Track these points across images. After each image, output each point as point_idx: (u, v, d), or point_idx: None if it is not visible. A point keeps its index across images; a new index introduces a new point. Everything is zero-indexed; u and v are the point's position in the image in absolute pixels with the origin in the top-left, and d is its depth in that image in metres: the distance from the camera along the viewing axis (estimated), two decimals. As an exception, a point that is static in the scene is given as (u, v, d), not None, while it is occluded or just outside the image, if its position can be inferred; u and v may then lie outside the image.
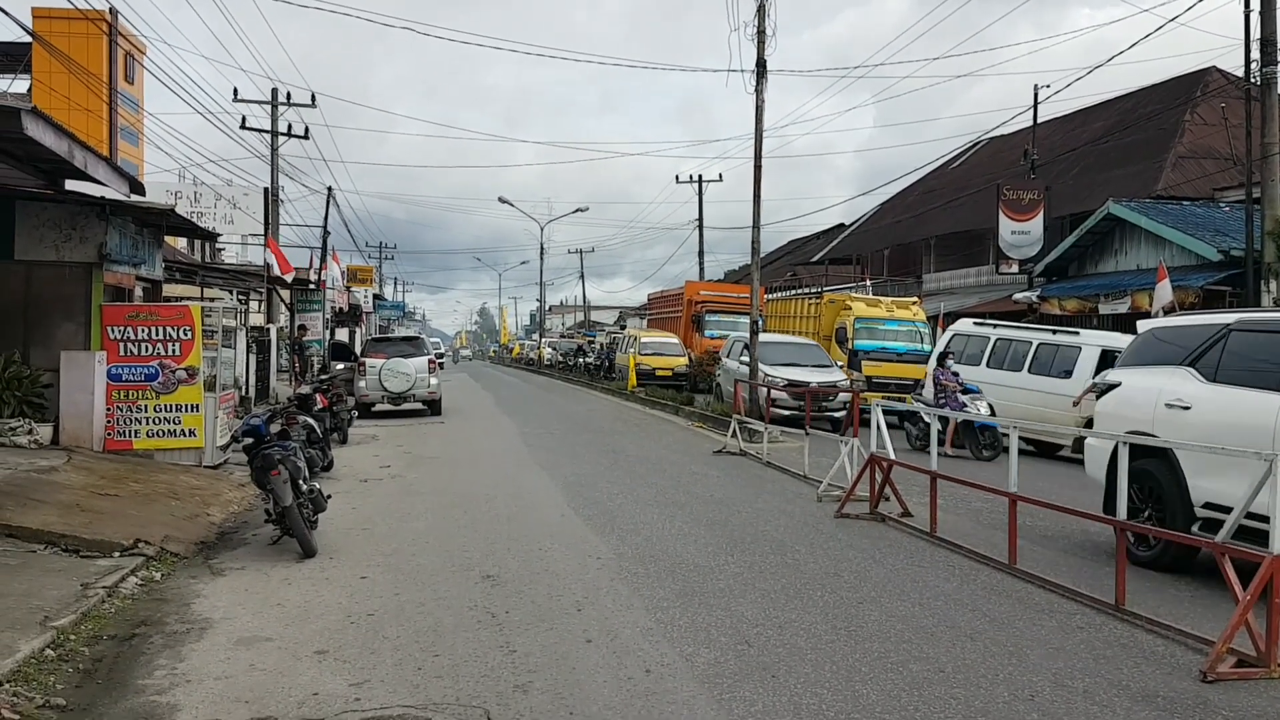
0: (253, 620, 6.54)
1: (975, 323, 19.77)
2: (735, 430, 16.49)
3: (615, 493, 11.80)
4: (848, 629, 6.36)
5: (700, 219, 44.73)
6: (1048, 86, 35.69)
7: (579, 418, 23.14)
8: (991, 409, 16.71)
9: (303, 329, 27.36)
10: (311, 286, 32.55)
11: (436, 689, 5.26)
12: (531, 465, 14.34)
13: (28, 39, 20.54)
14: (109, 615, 6.61)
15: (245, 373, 21.26)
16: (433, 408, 22.98)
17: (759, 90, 20.57)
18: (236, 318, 25.37)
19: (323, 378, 17.96)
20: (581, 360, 44.13)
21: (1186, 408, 8.13)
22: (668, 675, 5.47)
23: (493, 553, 8.51)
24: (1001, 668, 5.64)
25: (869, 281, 37.89)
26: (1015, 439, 8.57)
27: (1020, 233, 29.31)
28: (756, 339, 20.26)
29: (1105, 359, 16.16)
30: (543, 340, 64.78)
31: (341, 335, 39.39)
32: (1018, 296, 29.02)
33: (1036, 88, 33.35)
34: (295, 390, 15.76)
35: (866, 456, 10.91)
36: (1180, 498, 7.96)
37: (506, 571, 7.83)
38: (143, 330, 12.53)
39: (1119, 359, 10.03)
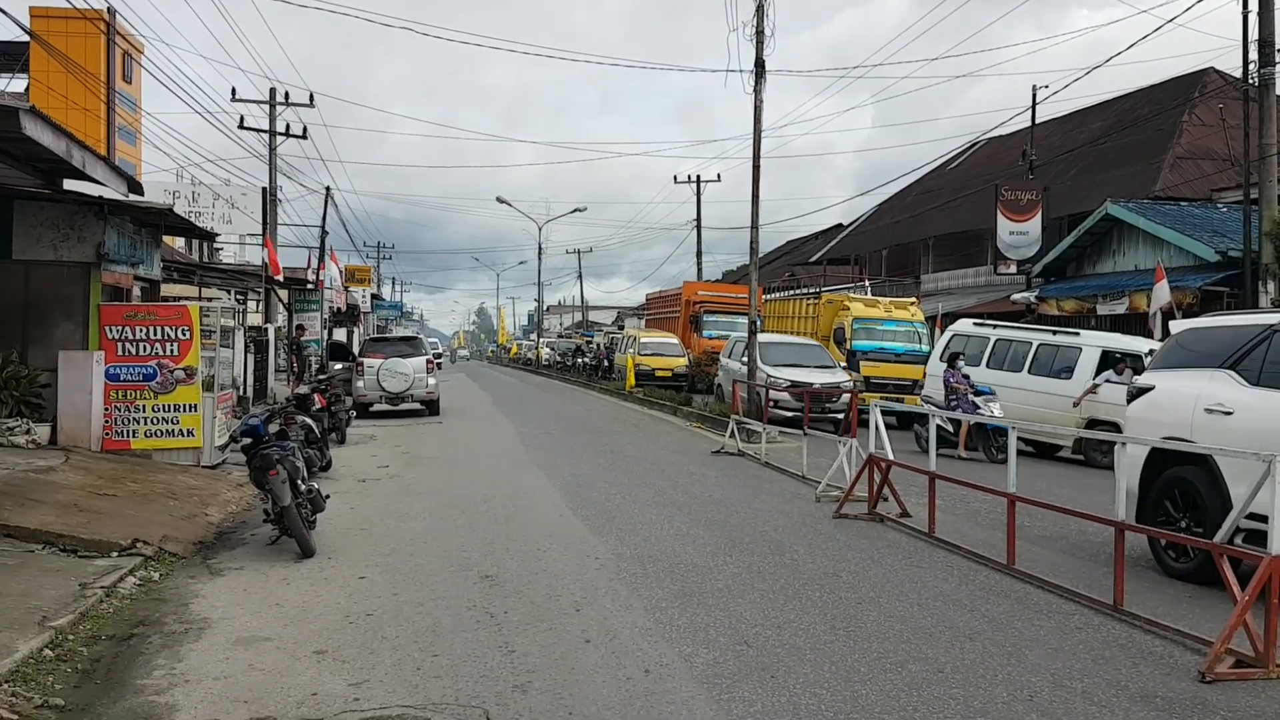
0: (251, 620, 6.53)
1: (975, 323, 19.76)
2: (733, 430, 16.49)
3: (613, 493, 11.80)
4: (846, 629, 6.36)
5: (698, 219, 44.76)
6: (1046, 87, 35.93)
7: (577, 418, 23.14)
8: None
9: (300, 329, 27.36)
10: (309, 286, 32.56)
11: (435, 689, 5.26)
12: (529, 465, 14.34)
13: (25, 38, 20.54)
14: (107, 615, 6.60)
15: (243, 373, 21.26)
16: (431, 408, 22.97)
17: (758, 90, 20.59)
18: (235, 318, 25.35)
19: (321, 378, 17.97)
20: (580, 360, 44.18)
21: (1228, 413, 7.71)
22: (667, 675, 5.47)
23: (491, 553, 8.50)
24: (1000, 668, 5.65)
25: (867, 282, 37.94)
26: (1014, 439, 8.58)
27: (1018, 233, 29.32)
28: (755, 339, 20.31)
29: (1105, 360, 16.21)
30: (540, 340, 64.79)
31: (339, 335, 39.36)
32: (1016, 297, 29.04)
33: (1035, 88, 33.34)
34: (293, 390, 15.77)
35: (865, 457, 10.91)
36: (1222, 507, 7.29)
37: (505, 571, 7.83)
38: (141, 330, 12.52)
39: (1150, 361, 9.55)
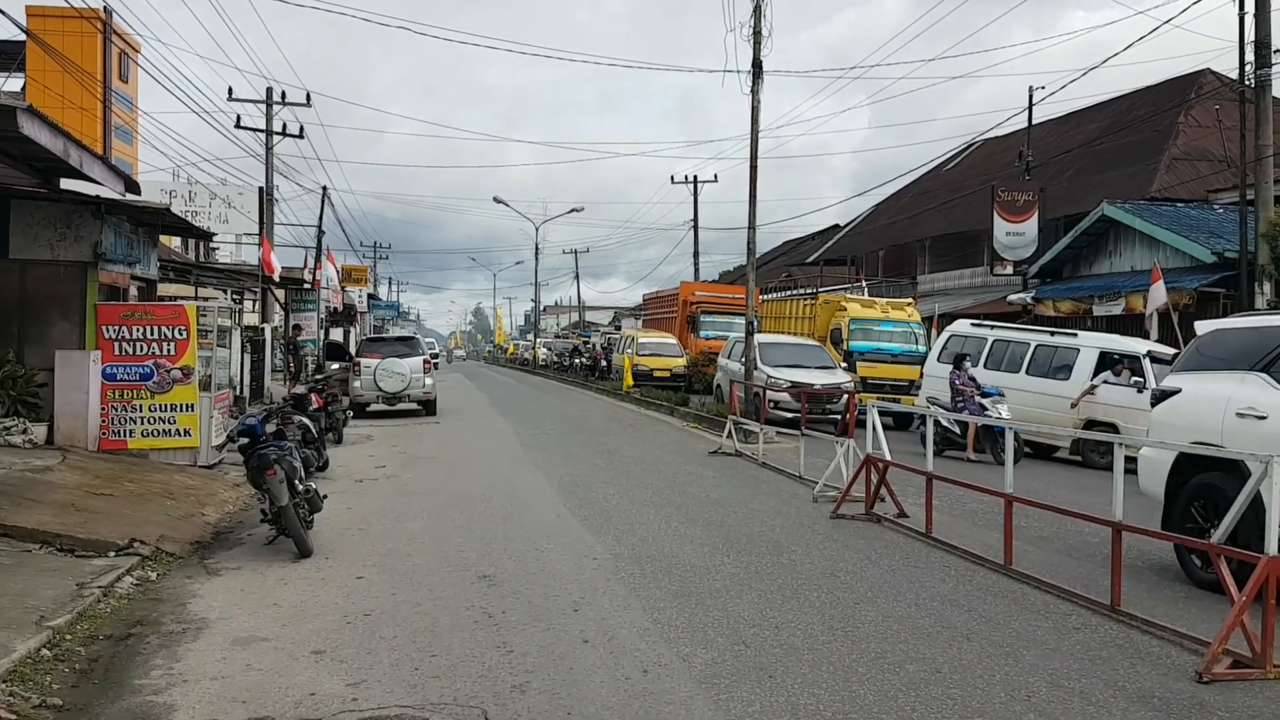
0: (249, 620, 6.53)
1: (973, 324, 19.79)
2: (730, 431, 16.49)
3: (611, 493, 11.80)
4: (844, 629, 6.37)
5: (695, 219, 44.73)
6: (1043, 88, 36.03)
7: (574, 418, 23.14)
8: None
9: (297, 329, 27.33)
10: (306, 286, 32.50)
11: (434, 689, 5.26)
12: (527, 465, 14.33)
13: (22, 37, 20.50)
14: (105, 615, 6.59)
15: (239, 373, 21.22)
16: (427, 408, 22.94)
17: (755, 91, 20.61)
18: (231, 317, 25.30)
19: (318, 378, 17.93)
20: (577, 361, 44.18)
21: (1262, 417, 7.50)
22: (665, 675, 5.47)
23: (489, 553, 8.50)
24: (998, 668, 5.66)
25: (864, 282, 37.94)
26: (1011, 440, 8.60)
27: (1015, 234, 29.35)
28: (752, 339, 20.34)
29: (1103, 361, 16.24)
30: (537, 340, 64.77)
31: (336, 335, 39.33)
32: (1012, 298, 29.07)
33: (1031, 89, 33.49)
34: (290, 390, 15.74)
35: (862, 458, 10.91)
36: (1255, 516, 6.77)
37: (503, 572, 7.83)
38: (138, 330, 12.50)
39: (1174, 363, 9.32)
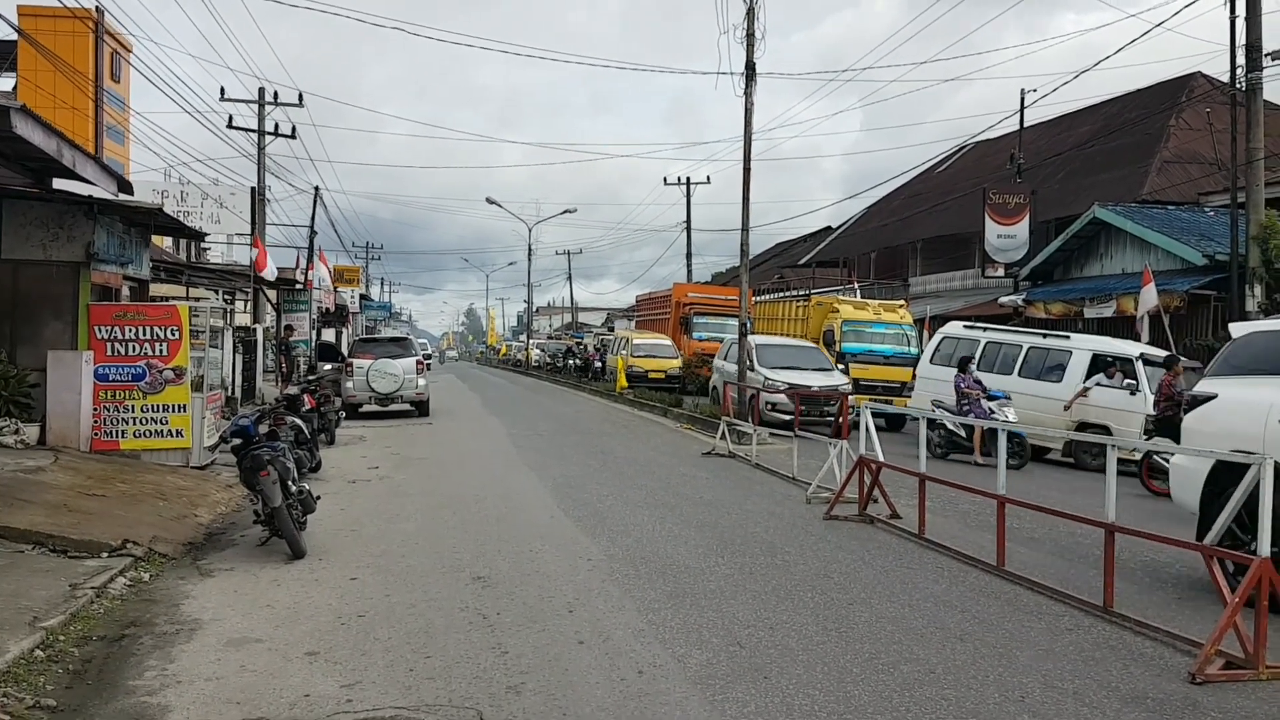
0: (242, 621, 6.51)
1: (965, 326, 19.84)
2: (724, 432, 16.51)
3: (605, 494, 11.80)
4: (838, 630, 6.38)
5: (688, 221, 44.77)
6: (1034, 91, 35.81)
7: (567, 419, 23.13)
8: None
9: (289, 329, 27.24)
10: (298, 287, 32.44)
11: (429, 690, 5.25)
12: (520, 466, 14.32)
13: (14, 36, 20.44)
14: (98, 616, 6.57)
15: (231, 373, 21.15)
16: (420, 409, 22.90)
17: (748, 93, 20.65)
18: (224, 318, 25.21)
19: (310, 378, 17.89)
20: (570, 362, 44.17)
21: None
22: (660, 676, 5.48)
23: (483, 554, 8.49)
24: (991, 669, 5.67)
25: (856, 284, 38.01)
26: (1003, 441, 8.61)
27: (1006, 236, 29.42)
28: (745, 341, 20.38)
29: (1096, 363, 16.30)
30: (530, 341, 64.69)
31: (328, 336, 39.24)
32: (1003, 300, 29.14)
33: (1023, 92, 33.47)
34: (283, 391, 15.70)
35: (855, 459, 10.93)
36: None
37: (497, 573, 7.82)
38: (130, 330, 12.46)
39: (1208, 368, 9.14)
